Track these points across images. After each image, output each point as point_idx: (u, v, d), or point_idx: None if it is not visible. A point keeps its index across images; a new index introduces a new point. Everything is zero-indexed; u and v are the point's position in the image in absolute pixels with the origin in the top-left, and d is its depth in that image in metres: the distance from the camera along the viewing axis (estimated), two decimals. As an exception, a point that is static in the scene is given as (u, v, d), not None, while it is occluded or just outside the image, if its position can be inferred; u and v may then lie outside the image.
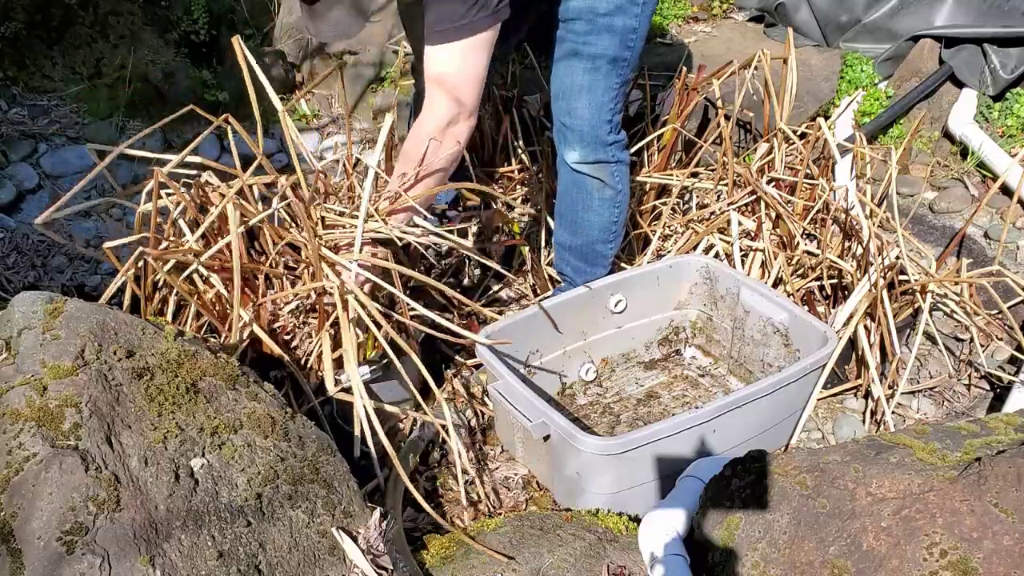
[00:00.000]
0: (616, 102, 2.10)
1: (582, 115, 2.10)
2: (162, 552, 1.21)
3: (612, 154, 2.16)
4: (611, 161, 2.17)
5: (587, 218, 2.27)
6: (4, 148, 3.02)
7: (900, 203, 2.58)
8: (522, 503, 2.02)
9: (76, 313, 1.46)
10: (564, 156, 2.19)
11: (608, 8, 1.98)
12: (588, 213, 2.26)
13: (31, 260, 2.69)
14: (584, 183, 2.20)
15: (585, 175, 2.18)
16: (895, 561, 1.28)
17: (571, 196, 2.26)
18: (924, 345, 2.45)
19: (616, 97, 2.10)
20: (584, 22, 2.01)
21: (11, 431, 1.27)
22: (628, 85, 2.14)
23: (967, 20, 3.29)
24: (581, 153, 2.15)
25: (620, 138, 2.17)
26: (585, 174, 2.18)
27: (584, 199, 2.23)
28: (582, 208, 2.26)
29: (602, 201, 2.23)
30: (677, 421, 1.80)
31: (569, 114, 2.11)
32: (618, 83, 2.08)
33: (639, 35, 2.04)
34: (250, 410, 1.47)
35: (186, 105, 2.06)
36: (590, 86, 2.07)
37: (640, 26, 2.03)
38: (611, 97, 2.09)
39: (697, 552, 1.53)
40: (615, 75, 2.06)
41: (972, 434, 1.48)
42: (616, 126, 2.15)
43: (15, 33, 3.19)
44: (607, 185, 2.19)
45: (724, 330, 2.34)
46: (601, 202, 2.23)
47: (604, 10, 1.99)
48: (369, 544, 1.44)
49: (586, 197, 2.23)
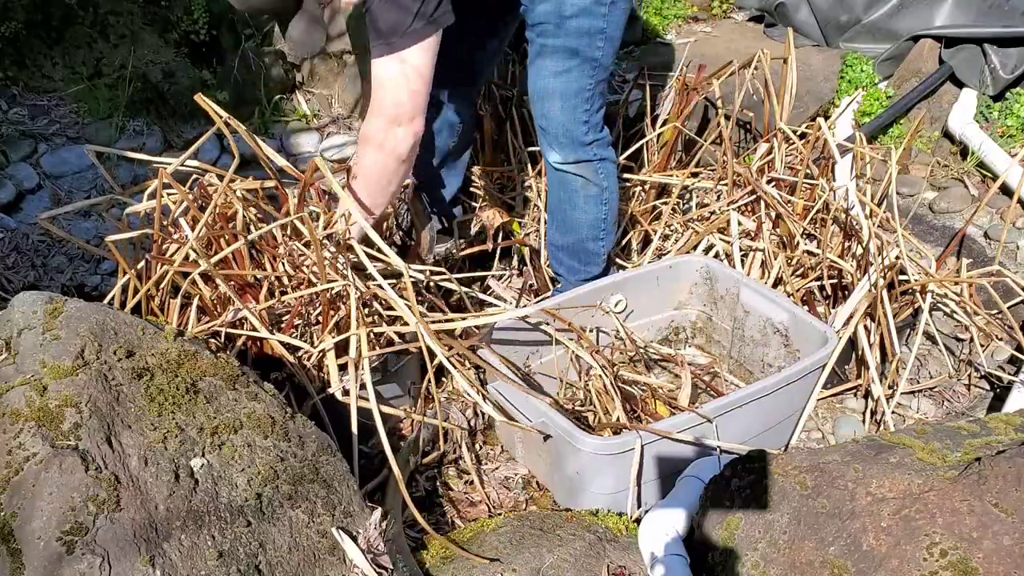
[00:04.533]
0: (591, 103, 2.10)
1: (555, 117, 2.10)
2: (162, 552, 1.21)
3: (593, 152, 2.16)
4: (593, 159, 2.17)
5: (575, 216, 2.27)
6: (4, 148, 3.01)
7: (900, 203, 2.58)
8: (522, 503, 2.02)
9: (76, 313, 1.46)
10: (547, 156, 2.20)
11: (573, 11, 1.98)
12: (575, 211, 2.26)
13: (31, 260, 2.69)
14: (568, 182, 2.21)
15: (568, 174, 2.19)
16: (895, 561, 1.28)
17: (558, 195, 2.27)
18: (924, 345, 2.45)
19: (590, 98, 2.09)
20: (551, 25, 2.02)
21: (11, 431, 1.27)
22: (606, 84, 2.13)
23: (967, 20, 3.29)
24: (561, 154, 2.15)
25: (601, 136, 2.17)
26: (568, 172, 2.19)
27: (570, 198, 2.24)
28: (569, 207, 2.26)
29: (587, 199, 2.23)
30: (677, 421, 1.80)
31: (544, 116, 2.13)
32: (591, 84, 2.07)
33: (609, 35, 2.03)
34: (250, 410, 1.47)
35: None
36: (562, 89, 2.07)
37: (609, 26, 2.02)
38: (584, 98, 2.08)
39: (697, 552, 1.53)
40: (587, 76, 2.05)
41: (972, 434, 1.48)
42: (595, 125, 2.14)
43: (15, 33, 3.19)
44: (591, 183, 2.20)
45: (724, 330, 2.34)
46: (587, 200, 2.23)
47: (570, 13, 1.98)
48: (369, 544, 1.44)
49: (572, 195, 2.23)
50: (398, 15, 1.80)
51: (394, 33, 1.82)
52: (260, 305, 1.85)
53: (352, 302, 1.78)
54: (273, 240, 1.93)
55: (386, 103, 1.89)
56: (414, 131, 1.92)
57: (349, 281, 1.80)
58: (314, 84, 3.62)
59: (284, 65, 3.53)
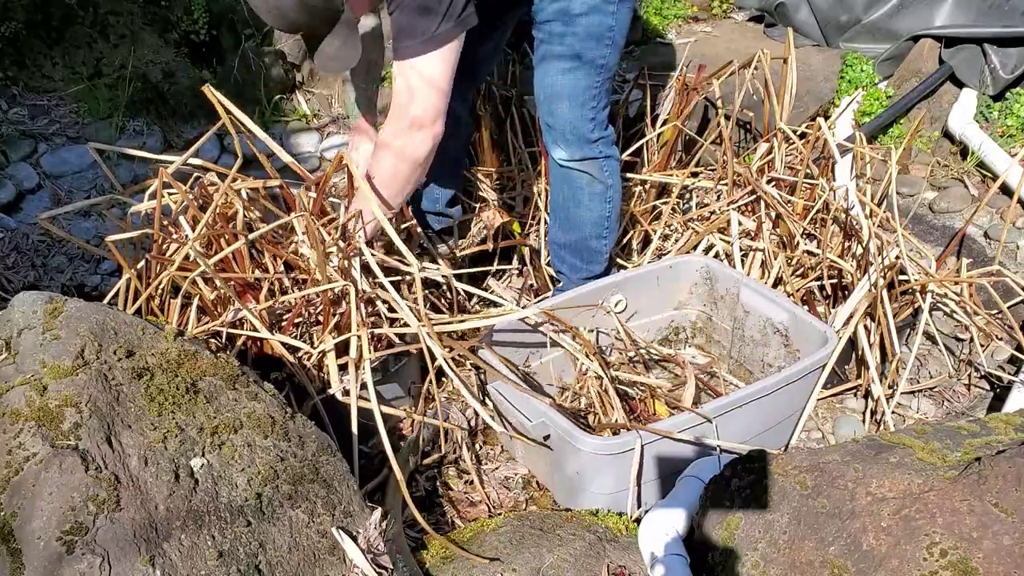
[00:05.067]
0: (598, 100, 2.10)
1: (563, 115, 2.10)
2: (162, 552, 1.21)
3: (599, 150, 2.16)
4: (599, 157, 2.17)
5: (578, 214, 2.27)
6: (4, 148, 3.01)
7: (900, 203, 2.58)
8: (522, 503, 2.02)
9: (76, 313, 1.46)
10: (552, 154, 2.20)
11: (582, 8, 1.98)
12: (579, 209, 2.26)
13: (31, 260, 2.69)
14: (573, 179, 2.21)
15: (574, 171, 2.19)
16: (895, 561, 1.28)
17: (562, 193, 2.27)
18: (924, 345, 2.45)
19: (597, 95, 2.09)
20: (559, 23, 2.01)
21: (11, 431, 1.27)
22: (611, 82, 2.13)
23: (967, 20, 3.29)
24: (567, 151, 2.15)
25: (607, 134, 2.17)
26: (574, 170, 2.19)
27: (575, 195, 2.24)
28: (573, 204, 2.26)
29: (592, 196, 2.23)
30: (677, 421, 1.80)
31: (551, 114, 2.12)
32: (599, 81, 2.07)
33: (617, 33, 2.03)
34: (250, 410, 1.47)
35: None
36: (570, 87, 2.07)
37: (617, 23, 2.02)
38: (592, 96, 2.08)
39: (697, 552, 1.53)
40: (595, 74, 2.06)
41: (972, 434, 1.48)
42: (601, 123, 2.14)
43: (15, 33, 3.19)
44: (596, 180, 2.20)
45: (724, 330, 2.34)
46: (591, 197, 2.23)
47: (578, 10, 1.98)
48: (369, 544, 1.44)
49: (576, 193, 2.23)
50: (424, 18, 1.78)
51: (420, 35, 1.79)
52: (260, 305, 1.85)
53: (352, 302, 1.78)
54: (274, 240, 1.93)
55: (408, 107, 1.86)
56: (434, 134, 1.89)
57: (351, 281, 1.80)
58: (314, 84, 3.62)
59: (284, 65, 3.53)
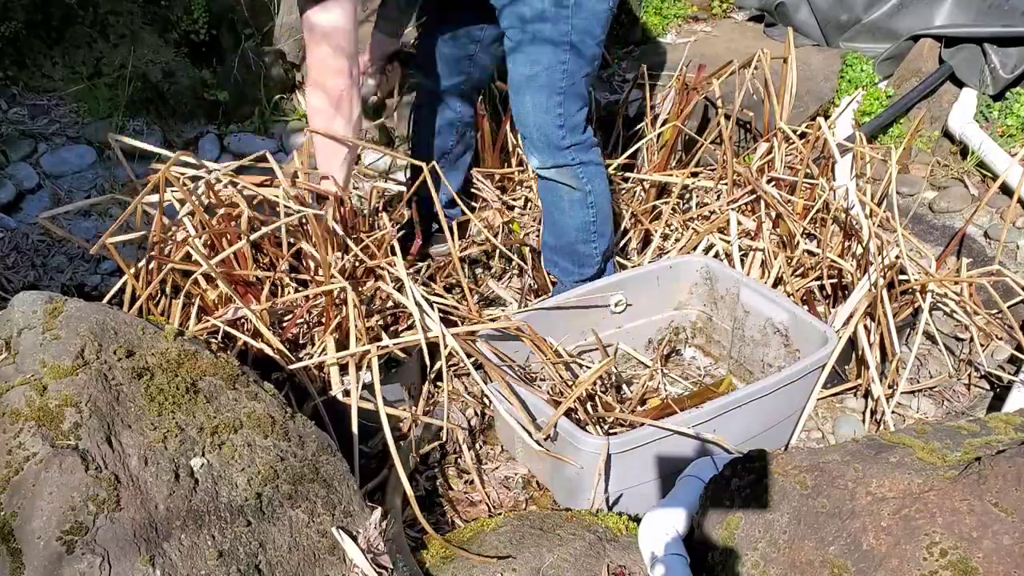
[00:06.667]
0: (564, 106, 2.07)
1: (527, 122, 2.10)
2: (162, 552, 1.21)
3: (572, 157, 2.14)
4: (572, 164, 2.15)
5: (562, 220, 2.28)
6: (4, 148, 3.01)
7: (900, 203, 2.58)
8: (522, 503, 2.02)
9: (76, 313, 1.46)
10: (529, 161, 2.21)
11: (532, 15, 1.97)
12: (562, 216, 2.27)
13: (31, 260, 2.69)
14: (551, 187, 2.22)
15: (550, 179, 2.19)
16: (895, 561, 1.28)
17: (545, 199, 2.28)
18: (924, 345, 2.45)
19: (563, 102, 2.07)
20: (516, 31, 2.02)
21: (11, 431, 1.27)
22: (582, 86, 2.09)
23: (967, 20, 3.29)
24: (539, 158, 2.16)
25: (581, 139, 2.15)
26: (549, 179, 2.19)
27: (556, 202, 2.25)
28: (556, 211, 2.27)
29: (572, 203, 2.23)
30: (677, 421, 1.80)
31: (519, 121, 2.13)
32: (562, 87, 2.05)
33: (575, 38, 2.00)
34: (250, 410, 1.47)
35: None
36: (532, 93, 2.06)
37: (574, 28, 1.99)
38: (557, 102, 2.06)
39: (697, 552, 1.53)
40: (557, 79, 2.04)
41: (972, 434, 1.48)
42: (573, 128, 2.12)
43: (15, 33, 3.19)
44: (574, 188, 2.19)
45: (724, 330, 2.34)
46: (571, 204, 2.23)
47: (529, 17, 1.97)
48: (369, 543, 1.45)
49: (557, 200, 2.24)
50: None
51: None
52: (261, 305, 1.85)
53: (350, 301, 1.78)
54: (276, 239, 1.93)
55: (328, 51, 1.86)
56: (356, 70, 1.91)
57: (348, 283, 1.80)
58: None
59: (284, 65, 3.53)
